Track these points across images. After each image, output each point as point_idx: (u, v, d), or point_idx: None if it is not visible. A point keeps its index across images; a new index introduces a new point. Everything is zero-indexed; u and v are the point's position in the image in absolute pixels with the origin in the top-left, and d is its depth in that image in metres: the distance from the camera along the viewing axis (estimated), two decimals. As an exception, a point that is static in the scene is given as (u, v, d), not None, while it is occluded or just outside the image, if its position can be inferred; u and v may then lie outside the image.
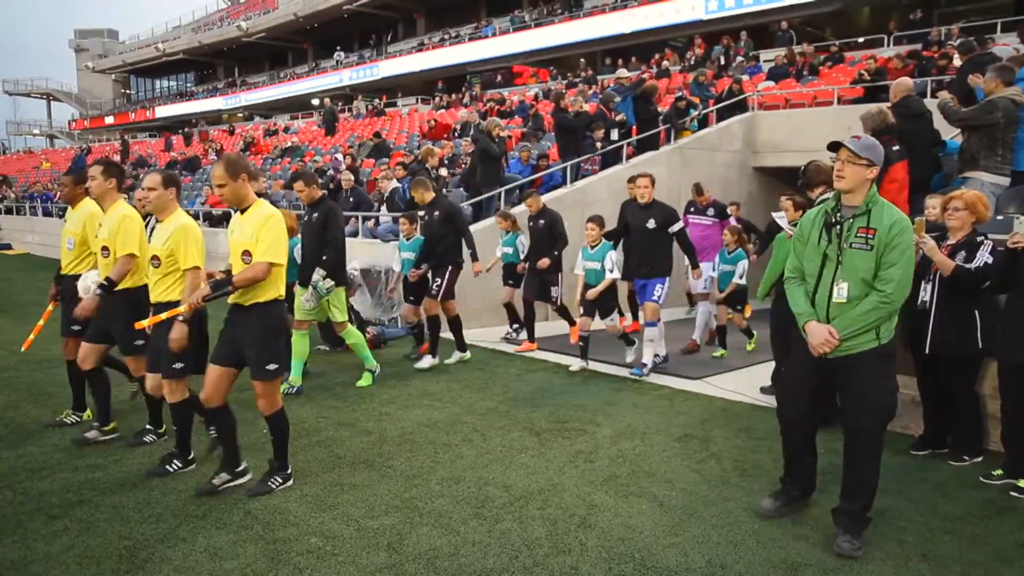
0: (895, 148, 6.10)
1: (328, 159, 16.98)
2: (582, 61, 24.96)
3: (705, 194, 9.12)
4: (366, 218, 10.99)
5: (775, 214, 6.81)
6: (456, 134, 16.51)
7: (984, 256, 4.36)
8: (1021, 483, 4.15)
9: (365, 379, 6.71)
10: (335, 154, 17.71)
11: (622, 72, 14.05)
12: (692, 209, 9.18)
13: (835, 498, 3.63)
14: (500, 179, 10.46)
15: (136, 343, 4.74)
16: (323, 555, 3.49)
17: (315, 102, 24.83)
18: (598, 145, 11.26)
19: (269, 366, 4.05)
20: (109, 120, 52.03)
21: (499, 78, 29.08)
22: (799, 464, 3.82)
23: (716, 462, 4.71)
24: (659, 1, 24.88)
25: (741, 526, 3.78)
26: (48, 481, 4.37)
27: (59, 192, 5.59)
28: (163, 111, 48.09)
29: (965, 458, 4.62)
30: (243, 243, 4.04)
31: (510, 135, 13.58)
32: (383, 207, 10.90)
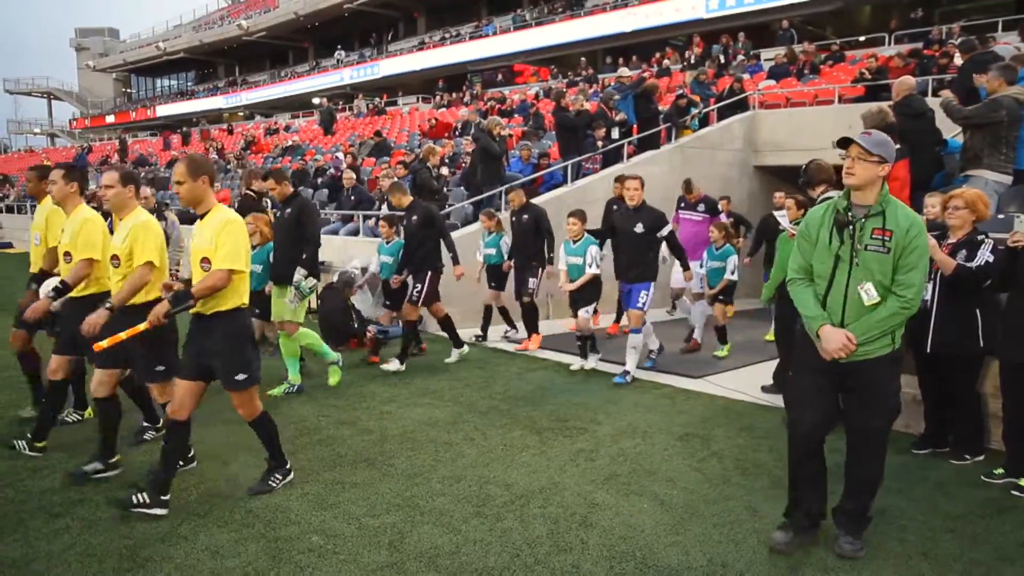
0: (896, 147, 6.11)
1: (329, 158, 16.98)
2: (583, 60, 24.95)
3: (695, 190, 8.97)
4: (367, 217, 10.99)
5: (776, 213, 6.83)
6: (457, 133, 16.51)
7: (985, 255, 4.36)
8: (1022, 482, 4.15)
9: (334, 376, 6.58)
10: (336, 153, 17.71)
11: (623, 71, 14.06)
12: (682, 205, 9.08)
13: (835, 497, 3.62)
14: (501, 178, 10.46)
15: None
16: (324, 553, 3.49)
17: (316, 101, 24.78)
18: (599, 144, 11.26)
19: (238, 376, 3.93)
20: (110, 119, 52.03)
21: (500, 77, 29.07)
22: (807, 471, 3.51)
23: (717, 461, 4.71)
24: (659, 0, 24.86)
25: (742, 525, 3.78)
26: (49, 479, 4.37)
27: (26, 186, 5.52)
28: (164, 110, 48.09)
29: (966, 457, 4.62)
30: (201, 249, 3.91)
31: (511, 134, 13.58)
32: (384, 206, 10.90)
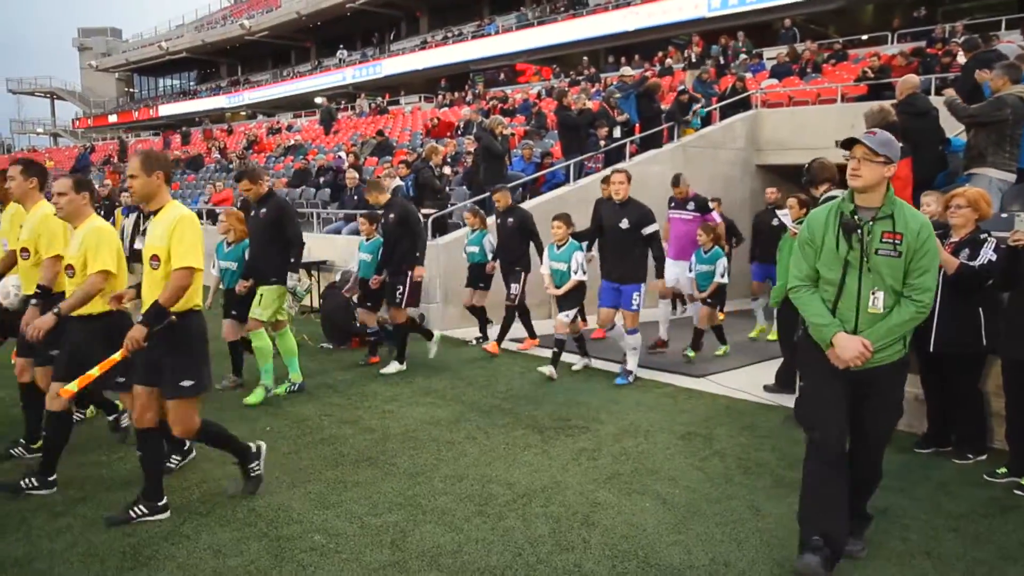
0: (899, 145, 6.11)
1: (331, 157, 16.99)
2: (585, 59, 24.93)
3: (682, 185, 8.42)
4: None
5: (779, 212, 6.81)
6: (459, 132, 16.51)
7: (988, 253, 4.35)
8: (1025, 481, 4.14)
9: (256, 395, 6.06)
10: (338, 152, 17.71)
11: (626, 70, 14.05)
12: (672, 204, 8.56)
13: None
14: (503, 177, 10.45)
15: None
16: (326, 552, 3.49)
17: (318, 100, 24.79)
18: (601, 143, 11.25)
19: (183, 382, 3.72)
20: (112, 119, 52.07)
21: (502, 76, 29.05)
22: (831, 490, 3.22)
23: (719, 460, 4.70)
24: (662, -1, 24.85)
25: (744, 524, 3.78)
26: (52, 478, 4.38)
27: None
28: (166, 109, 48.11)
29: (969, 456, 4.61)
30: (153, 247, 3.76)
31: (513, 133, 13.58)
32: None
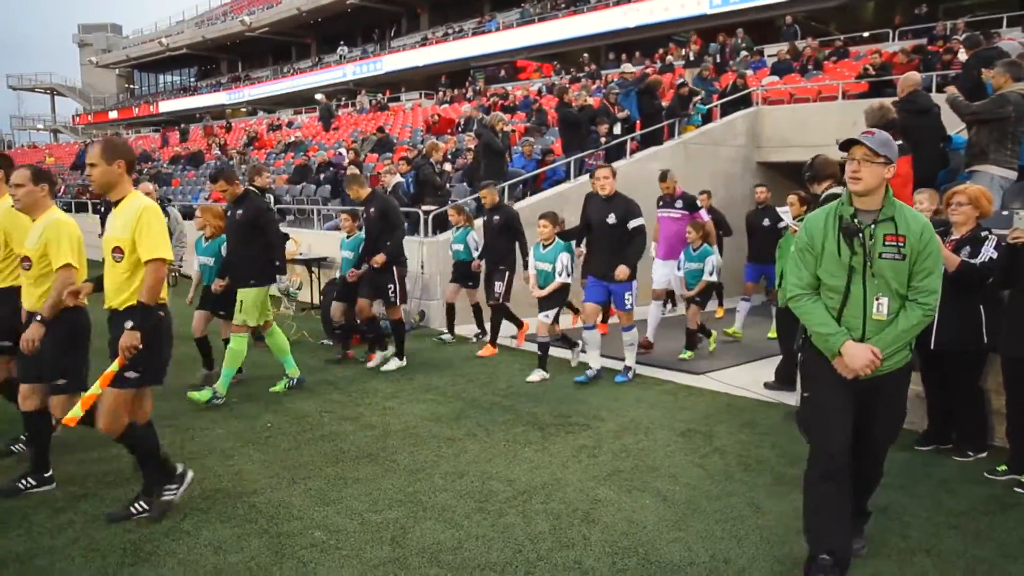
0: (898, 143, 6.11)
1: (332, 154, 16.98)
2: (585, 56, 24.89)
3: (669, 181, 8.21)
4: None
5: (780, 210, 6.81)
6: (460, 129, 16.49)
7: (989, 251, 4.35)
8: (1025, 479, 4.14)
9: (204, 394, 5.86)
10: (339, 149, 17.70)
11: (627, 67, 14.03)
12: (661, 203, 8.39)
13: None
14: (504, 174, 10.46)
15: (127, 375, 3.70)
16: (327, 549, 3.50)
17: (318, 97, 24.78)
18: (602, 140, 11.24)
19: (128, 373, 3.61)
20: (113, 115, 52.04)
21: (503, 73, 28.98)
22: (832, 502, 3.11)
23: (720, 457, 4.71)
24: (663, -5, 24.82)
25: (745, 521, 3.78)
26: (53, 473, 4.38)
27: None
28: (167, 106, 48.07)
29: (970, 454, 4.61)
30: (114, 238, 3.64)
31: (513, 130, 13.57)
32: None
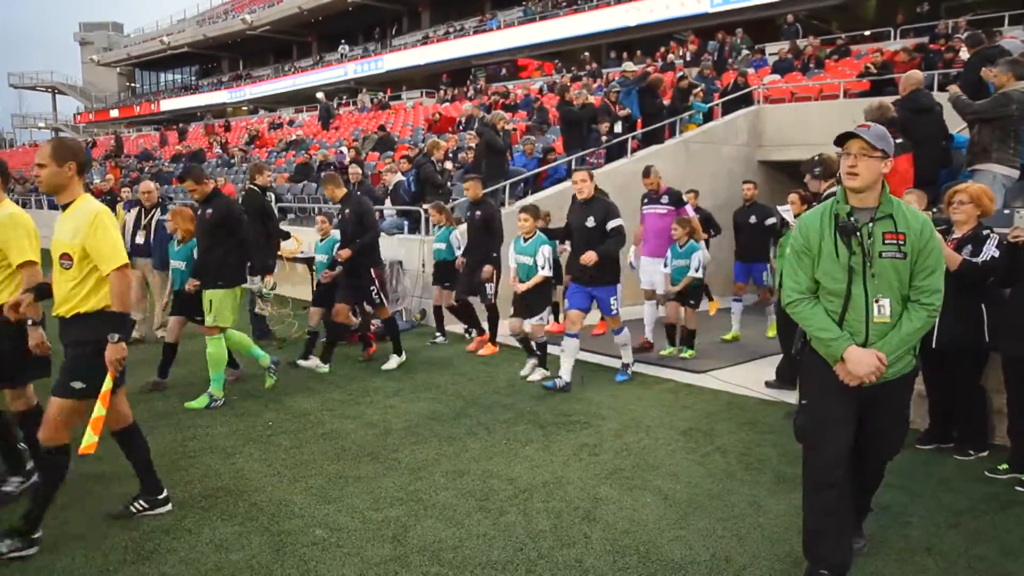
0: (898, 141, 6.12)
1: (333, 152, 16.98)
2: (586, 54, 24.88)
3: (653, 176, 8.02)
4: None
5: (781, 208, 6.79)
6: (461, 127, 16.49)
7: (991, 250, 4.35)
8: (1027, 478, 4.14)
9: (200, 401, 5.82)
10: (340, 147, 17.71)
11: (628, 65, 14.01)
12: (646, 200, 8.23)
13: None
14: (505, 172, 10.45)
15: (73, 385, 3.52)
16: (328, 547, 3.50)
17: (319, 96, 24.80)
18: (603, 139, 11.23)
19: (74, 383, 3.46)
20: (114, 113, 52.09)
21: (504, 71, 28.98)
22: (828, 510, 3.03)
23: (721, 456, 4.71)
24: (664, -6, 24.81)
25: (746, 519, 3.78)
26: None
27: None
28: (168, 104, 48.10)
29: (971, 452, 4.61)
30: (62, 244, 3.47)
31: (515, 128, 13.56)
32: (387, 200, 10.92)
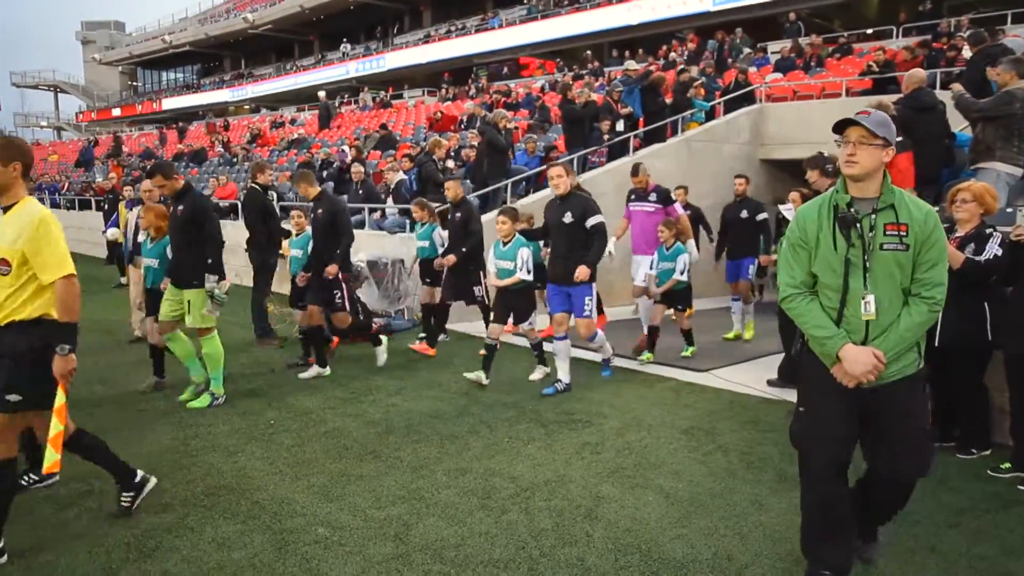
0: (898, 139, 6.12)
1: (335, 151, 17.00)
2: (588, 53, 24.86)
3: (642, 175, 7.96)
4: (372, 210, 11.02)
5: (782, 207, 6.79)
6: (462, 126, 16.49)
7: (994, 248, 4.34)
8: (1029, 477, 4.13)
9: (202, 400, 5.83)
10: (342, 146, 17.72)
11: (630, 64, 14.00)
12: (633, 197, 8.15)
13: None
14: (506, 171, 10.45)
15: (8, 398, 3.31)
16: (330, 545, 3.50)
17: (321, 94, 24.82)
18: (605, 137, 11.23)
19: (10, 396, 3.28)
20: (116, 112, 52.16)
21: (505, 70, 28.97)
22: (827, 512, 2.99)
23: (723, 454, 4.70)
24: (666, -8, 24.79)
25: (747, 518, 3.78)
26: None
27: None
28: (170, 103, 48.15)
29: (973, 451, 4.60)
30: (1, 249, 3.28)
31: (516, 127, 13.56)
32: (389, 199, 10.92)
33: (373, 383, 6.50)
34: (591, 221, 5.98)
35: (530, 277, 6.41)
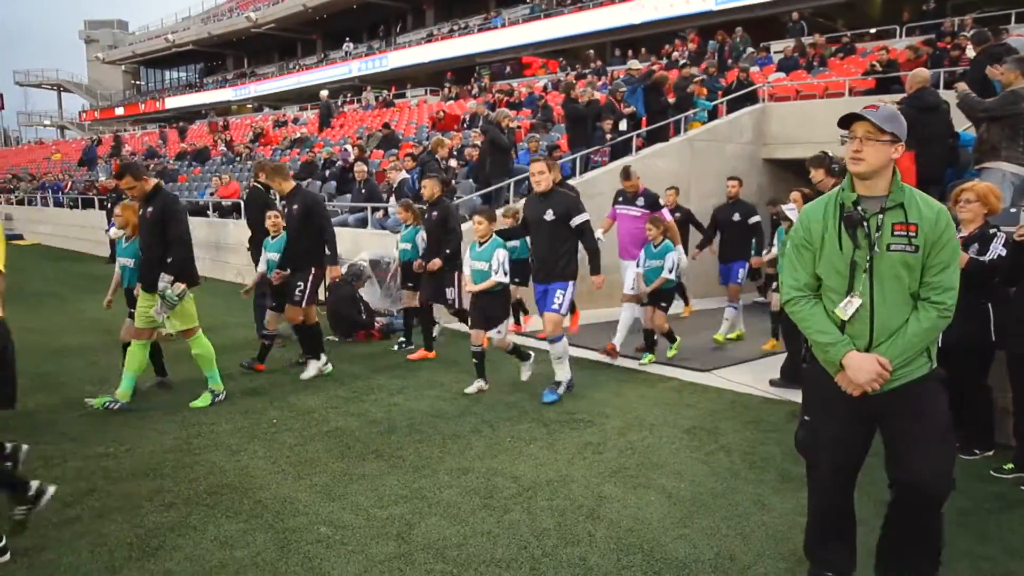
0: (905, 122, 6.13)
1: (337, 150, 17.01)
2: (591, 52, 24.84)
3: (633, 179, 7.89)
4: (375, 209, 11.02)
5: (785, 207, 6.78)
6: (465, 125, 16.49)
7: (997, 248, 4.33)
8: (1032, 477, 4.12)
9: (203, 399, 5.81)
10: (344, 145, 17.73)
11: (633, 63, 13.99)
12: (620, 199, 8.04)
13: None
14: (509, 170, 10.44)
15: None
16: (332, 544, 3.51)
17: (323, 93, 24.84)
18: (608, 136, 11.22)
19: None
20: (119, 111, 52.28)
21: (508, 69, 28.98)
22: (835, 520, 2.95)
23: (725, 454, 4.70)
24: (669, -8, 24.77)
25: (750, 518, 3.77)
26: (60, 469, 4.41)
27: None
28: (173, 102, 48.24)
29: (976, 452, 4.60)
30: None
31: (519, 126, 13.55)
32: (391, 198, 10.92)
33: (375, 382, 6.50)
34: (576, 220, 5.79)
35: (506, 279, 6.14)
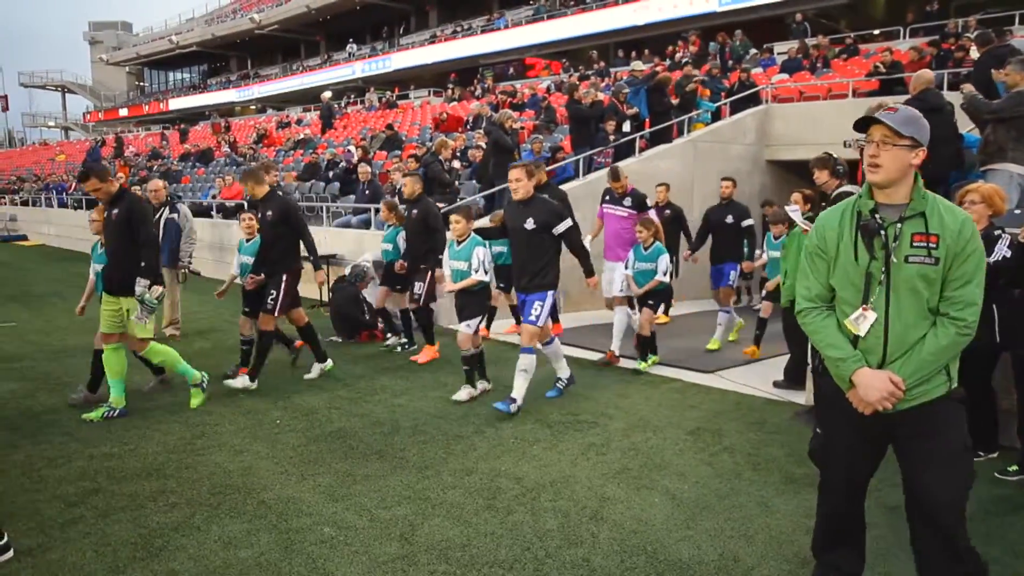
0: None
1: (341, 151, 17.03)
2: (594, 53, 24.84)
3: (622, 180, 7.76)
4: (378, 210, 11.02)
5: (788, 208, 6.77)
6: (468, 126, 16.50)
7: (1003, 250, 4.32)
8: (1037, 479, 4.10)
9: (196, 397, 5.76)
10: (347, 146, 17.75)
11: (637, 64, 13.99)
12: (607, 198, 7.92)
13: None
14: (513, 171, 10.43)
15: None
16: (336, 545, 3.51)
17: (325, 95, 24.86)
18: (611, 138, 11.22)
19: None
20: (123, 112, 52.41)
21: (511, 70, 29.00)
22: (845, 524, 2.90)
23: (729, 456, 4.70)
24: (673, -7, 24.76)
25: (754, 520, 3.77)
26: (64, 469, 4.42)
27: None
28: (176, 103, 48.35)
29: (980, 454, 4.57)
30: None
31: (522, 127, 13.56)
32: (393, 198, 10.93)
33: (379, 383, 6.51)
34: (559, 229, 5.61)
35: (487, 278, 6.02)
